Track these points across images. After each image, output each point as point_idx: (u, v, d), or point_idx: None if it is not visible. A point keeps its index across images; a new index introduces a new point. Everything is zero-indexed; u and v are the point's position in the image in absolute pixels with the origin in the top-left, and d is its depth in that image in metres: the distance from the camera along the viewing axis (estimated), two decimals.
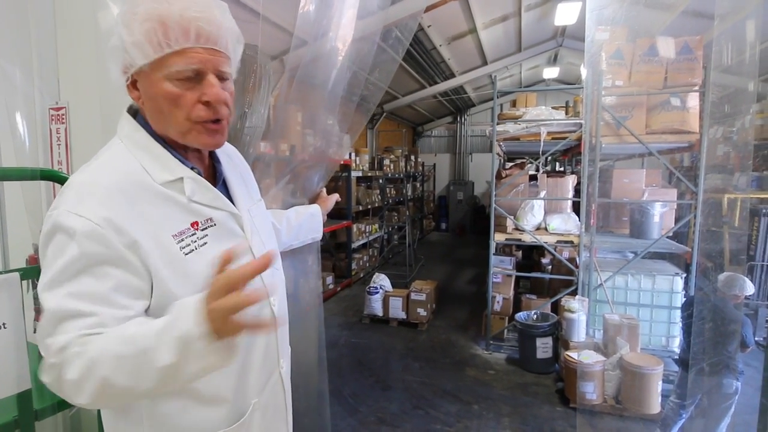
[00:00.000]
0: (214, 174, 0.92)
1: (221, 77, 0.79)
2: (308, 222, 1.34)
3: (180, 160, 0.82)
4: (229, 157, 1.00)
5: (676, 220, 4.16)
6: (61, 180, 1.30)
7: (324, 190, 1.54)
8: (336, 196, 1.51)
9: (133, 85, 0.79)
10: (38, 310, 1.59)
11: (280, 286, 1.02)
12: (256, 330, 0.64)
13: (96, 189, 0.72)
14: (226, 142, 1.00)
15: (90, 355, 0.65)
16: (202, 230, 0.81)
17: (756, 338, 3.27)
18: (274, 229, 1.20)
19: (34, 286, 1.54)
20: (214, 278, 0.63)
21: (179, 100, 0.75)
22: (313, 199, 1.46)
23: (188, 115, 0.77)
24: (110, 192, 0.73)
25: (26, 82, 1.44)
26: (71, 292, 0.69)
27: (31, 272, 1.40)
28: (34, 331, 1.58)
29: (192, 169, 0.83)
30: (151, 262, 0.73)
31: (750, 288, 2.55)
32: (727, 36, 1.48)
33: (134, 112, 0.84)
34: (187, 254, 0.77)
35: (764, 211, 4.50)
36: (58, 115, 1.48)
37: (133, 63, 0.75)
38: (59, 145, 1.49)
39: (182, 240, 0.77)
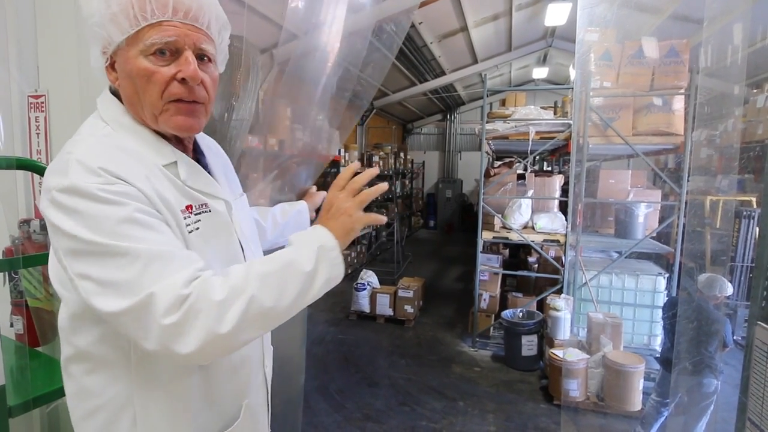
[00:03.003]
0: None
1: (202, 57, 0.76)
2: (294, 219, 1.30)
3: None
4: (209, 149, 0.97)
5: (660, 221, 4.23)
6: (39, 170, 1.26)
7: (313, 187, 1.51)
8: (324, 194, 1.46)
9: (111, 66, 0.76)
10: (17, 303, 1.54)
11: None
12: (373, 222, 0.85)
13: (111, 159, 0.69)
14: (207, 137, 0.98)
15: (232, 281, 0.68)
16: (196, 215, 0.79)
17: (735, 337, 3.34)
18: (259, 226, 1.17)
19: (11, 279, 1.50)
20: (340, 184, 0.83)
21: (153, 76, 0.72)
22: (301, 196, 1.42)
23: (161, 93, 0.73)
24: (124, 162, 0.70)
25: (2, 68, 1.39)
26: (143, 238, 0.66)
27: (6, 264, 1.36)
28: (11, 325, 1.53)
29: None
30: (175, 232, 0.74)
31: (729, 289, 2.60)
32: (714, 39, 1.49)
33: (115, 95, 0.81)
34: (189, 233, 0.77)
35: (745, 213, 4.59)
36: (38, 102, 1.43)
37: (111, 40, 0.72)
38: (38, 133, 1.45)
39: (184, 218, 0.76)
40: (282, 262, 0.72)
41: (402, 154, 9.98)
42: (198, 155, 0.91)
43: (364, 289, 5.16)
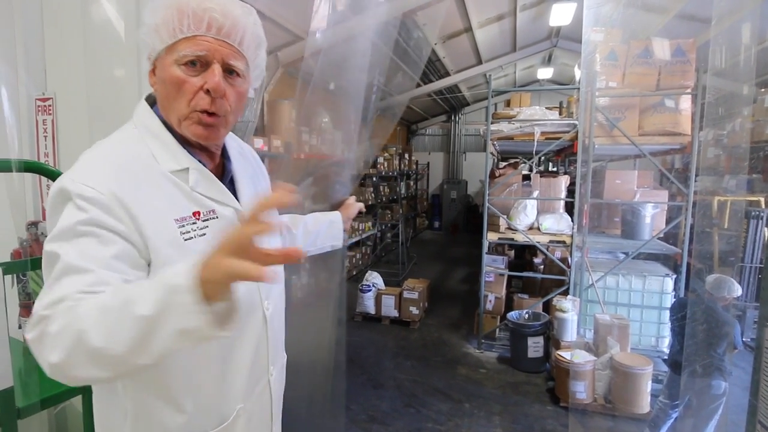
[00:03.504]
0: (222, 171, 0.93)
1: (229, 71, 0.81)
2: (327, 229, 1.33)
3: (188, 152, 0.84)
4: (242, 155, 1.00)
5: (667, 222, 4.20)
6: (46, 172, 1.27)
7: (352, 197, 1.49)
8: (360, 205, 1.47)
9: (153, 71, 0.83)
10: (25, 305, 1.55)
11: (276, 289, 1.00)
12: (248, 277, 0.54)
13: (105, 164, 0.76)
14: (243, 143, 1.03)
15: (79, 309, 0.61)
16: (203, 221, 0.82)
17: (744, 339, 3.31)
18: (289, 233, 1.22)
19: (19, 281, 1.51)
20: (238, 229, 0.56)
21: (183, 85, 0.78)
22: (337, 206, 1.44)
23: (189, 101, 0.79)
24: (118, 169, 0.76)
25: (10, 71, 1.40)
26: (76, 250, 0.68)
27: (15, 267, 1.37)
28: (19, 327, 1.54)
29: (199, 162, 0.85)
30: (152, 241, 0.75)
31: (738, 290, 2.57)
32: (722, 38, 1.48)
33: (152, 103, 0.87)
34: (186, 240, 0.78)
35: (753, 213, 4.54)
36: (45, 105, 1.44)
37: (154, 48, 0.80)
38: (46, 136, 1.46)
39: (183, 226, 0.79)
40: (124, 297, 0.60)
41: (407, 155, 9.97)
42: (225, 160, 0.94)
43: (369, 290, 5.15)
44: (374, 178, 7.96)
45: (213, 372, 0.84)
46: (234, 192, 0.91)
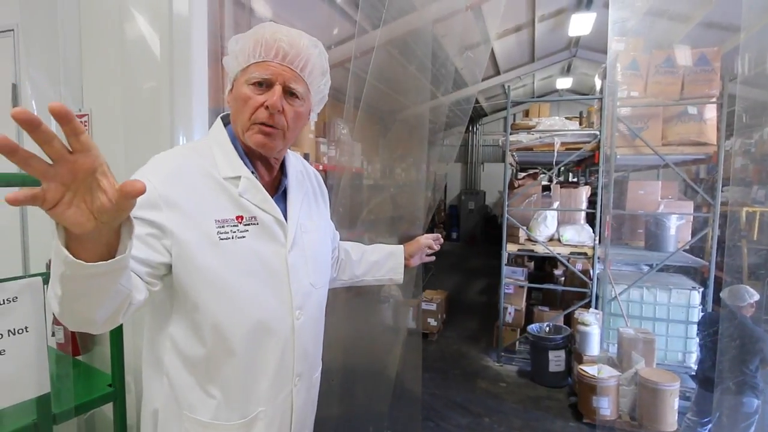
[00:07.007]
0: (278, 185, 1.01)
1: (289, 92, 0.91)
2: (385, 260, 1.37)
3: (245, 163, 0.93)
4: (306, 176, 1.09)
5: (693, 233, 4.10)
6: None
7: (424, 236, 1.48)
8: (428, 242, 1.45)
9: (231, 90, 0.95)
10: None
11: (312, 302, 1.01)
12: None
13: (164, 168, 0.88)
14: (309, 167, 1.16)
15: None
16: (245, 225, 0.91)
17: None
18: (348, 258, 1.31)
19: None
20: None
21: (249, 101, 0.89)
22: (405, 241, 1.46)
23: (251, 115, 0.89)
24: (173, 173, 0.87)
25: (53, 89, 1.47)
26: None
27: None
28: (53, 335, 1.59)
29: (252, 173, 0.94)
30: (186, 233, 0.85)
31: (755, 294, 2.51)
32: (751, 46, 1.45)
33: (227, 123, 0.99)
34: (222, 239, 0.87)
35: None
36: (81, 122, 1.50)
37: (232, 71, 0.93)
38: None
39: (223, 227, 0.88)
40: None
41: (424, 166, 9.98)
42: (282, 176, 1.02)
43: (387, 301, 5.14)
44: (392, 189, 7.98)
45: (239, 371, 0.91)
46: (285, 205, 0.99)
